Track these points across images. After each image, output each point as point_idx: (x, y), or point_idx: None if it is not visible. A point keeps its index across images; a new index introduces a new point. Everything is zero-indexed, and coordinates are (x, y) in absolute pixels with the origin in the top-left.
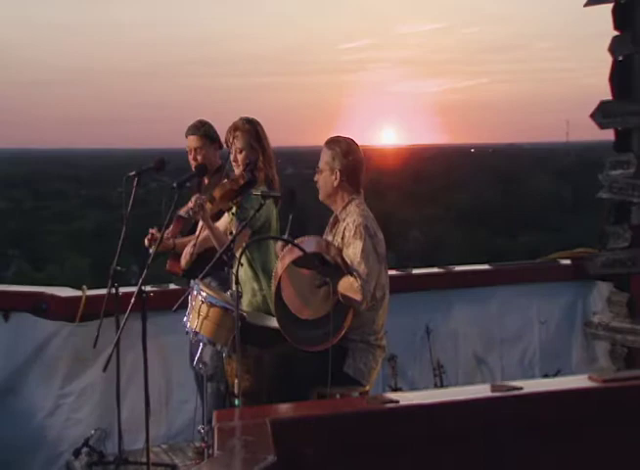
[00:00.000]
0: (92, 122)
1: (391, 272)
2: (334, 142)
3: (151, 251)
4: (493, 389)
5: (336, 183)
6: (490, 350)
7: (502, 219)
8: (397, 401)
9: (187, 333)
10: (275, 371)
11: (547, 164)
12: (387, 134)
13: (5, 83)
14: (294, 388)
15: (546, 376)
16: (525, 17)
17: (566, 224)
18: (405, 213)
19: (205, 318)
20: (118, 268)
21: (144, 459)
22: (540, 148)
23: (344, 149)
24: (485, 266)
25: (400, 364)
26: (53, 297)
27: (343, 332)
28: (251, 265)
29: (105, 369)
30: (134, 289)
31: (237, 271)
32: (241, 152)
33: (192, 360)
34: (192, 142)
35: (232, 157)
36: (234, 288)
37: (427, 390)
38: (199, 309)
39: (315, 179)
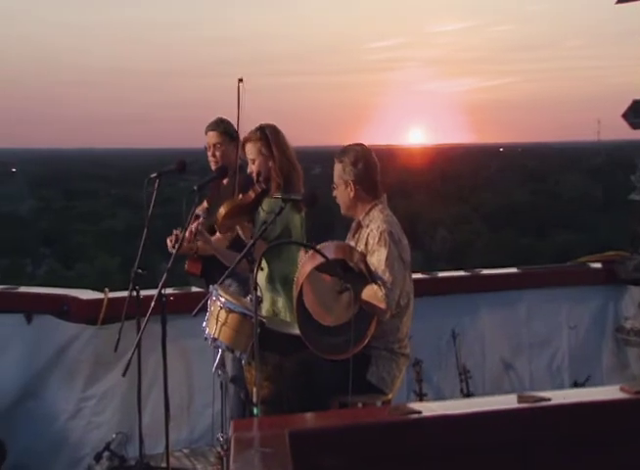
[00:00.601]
0: (122, 122)
1: (417, 276)
2: (341, 154)
3: (171, 251)
4: (520, 399)
5: (352, 195)
6: (518, 355)
7: (531, 219)
8: (420, 412)
9: (206, 339)
10: (295, 379)
11: (577, 164)
12: (414, 134)
13: (33, 84)
14: (314, 396)
15: (575, 383)
16: (556, 14)
17: (596, 224)
18: (433, 213)
19: (223, 324)
20: (139, 271)
21: (165, 464)
22: (571, 147)
23: (352, 158)
24: (513, 270)
25: (426, 369)
26: (74, 299)
27: (367, 340)
28: (269, 275)
29: (124, 374)
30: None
31: (256, 276)
32: (254, 162)
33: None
34: (211, 138)
35: (248, 169)
36: (254, 293)
37: (452, 397)
38: (217, 315)
39: (334, 195)
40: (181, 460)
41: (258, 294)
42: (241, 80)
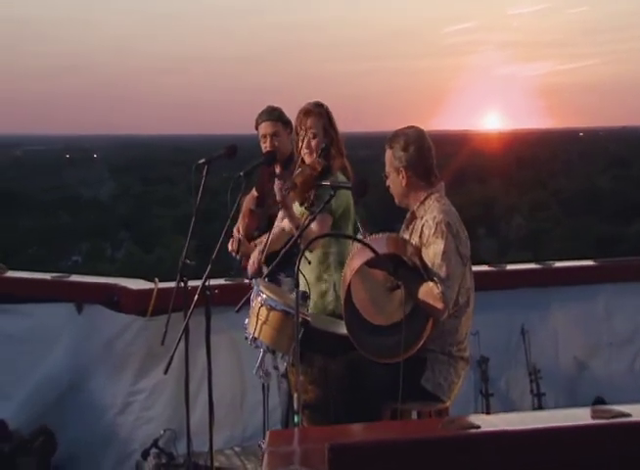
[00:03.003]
0: (199, 109)
1: (483, 268)
2: (391, 139)
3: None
4: (594, 414)
5: (404, 182)
6: (594, 354)
7: (613, 207)
8: (479, 427)
9: (246, 338)
10: (343, 383)
11: None
12: (490, 119)
13: (112, 72)
14: (363, 402)
15: None
16: None
17: None
18: (509, 199)
19: (264, 323)
20: (187, 261)
21: (215, 464)
22: None
23: (403, 143)
24: (589, 262)
25: (492, 368)
26: (124, 289)
27: (422, 342)
28: (322, 262)
29: (166, 371)
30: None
31: (297, 270)
32: (315, 137)
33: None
34: (266, 128)
35: (304, 143)
36: (301, 288)
37: (522, 398)
38: (258, 313)
39: (387, 185)
40: (231, 459)
41: (305, 290)
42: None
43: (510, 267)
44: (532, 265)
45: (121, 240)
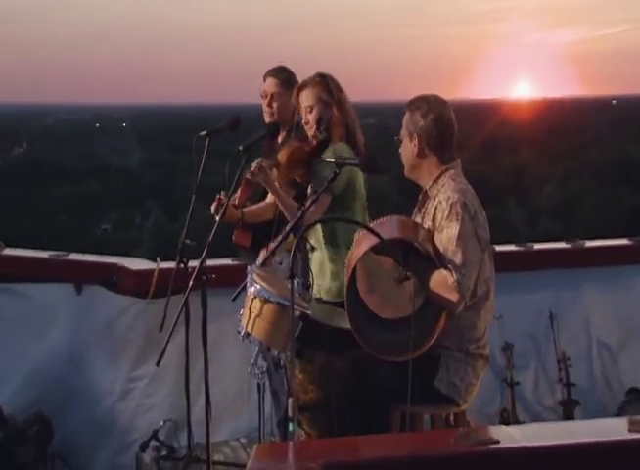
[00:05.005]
0: (226, 78)
1: (509, 247)
2: (413, 102)
3: (217, 218)
4: (632, 425)
5: (415, 151)
6: (629, 342)
7: None
8: (497, 442)
9: (239, 332)
10: (347, 382)
11: None
12: (520, 87)
13: (142, 40)
14: (370, 404)
15: None
16: None
17: None
18: (539, 169)
19: (258, 316)
20: (188, 241)
21: (219, 456)
22: None
23: (424, 109)
24: (624, 241)
25: (517, 355)
26: (123, 269)
27: (434, 339)
28: (331, 243)
29: (158, 363)
30: (215, 262)
31: (293, 257)
32: (311, 110)
33: None
34: (270, 86)
35: (303, 120)
36: (310, 278)
37: (550, 387)
38: (251, 305)
39: (400, 152)
40: (236, 451)
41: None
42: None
43: (537, 247)
44: (562, 244)
45: (150, 209)
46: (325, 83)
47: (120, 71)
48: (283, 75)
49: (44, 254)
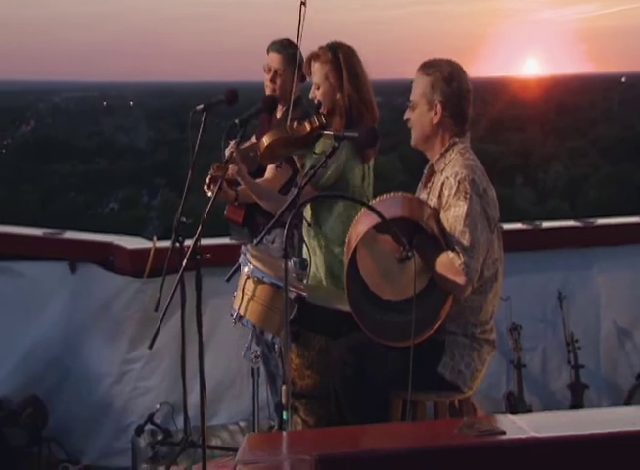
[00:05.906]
0: (232, 56)
1: (516, 226)
2: (431, 65)
3: (210, 194)
4: None
5: (436, 120)
6: None
7: None
8: (503, 432)
9: (231, 315)
10: (346, 367)
11: None
12: (529, 64)
13: (149, 19)
14: (370, 390)
15: None
16: None
17: None
18: (547, 147)
19: (251, 298)
20: (184, 220)
21: (217, 441)
22: None
23: (447, 73)
24: (635, 219)
25: (525, 337)
26: (119, 248)
27: (440, 323)
28: (320, 234)
29: (150, 346)
30: (212, 241)
31: (287, 236)
32: (318, 88)
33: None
34: (273, 61)
35: (311, 93)
36: (304, 258)
37: (558, 369)
38: (244, 286)
39: (406, 118)
40: (234, 436)
41: (305, 257)
42: (304, 3)
43: (546, 225)
44: (571, 223)
45: (157, 186)
46: (336, 61)
47: (128, 49)
48: (289, 51)
49: (38, 231)
